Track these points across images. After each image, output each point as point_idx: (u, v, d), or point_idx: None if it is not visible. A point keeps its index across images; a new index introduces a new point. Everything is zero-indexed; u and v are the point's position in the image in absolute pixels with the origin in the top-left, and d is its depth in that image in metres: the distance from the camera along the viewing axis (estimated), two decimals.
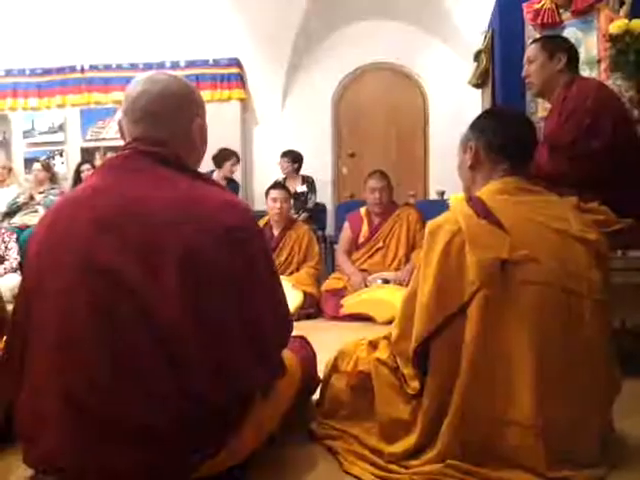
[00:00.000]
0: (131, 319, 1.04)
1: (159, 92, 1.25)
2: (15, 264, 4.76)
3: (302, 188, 5.42)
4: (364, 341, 1.58)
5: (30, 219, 5.20)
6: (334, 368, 1.60)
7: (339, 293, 3.74)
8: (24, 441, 1.11)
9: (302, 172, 5.55)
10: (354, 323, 3.40)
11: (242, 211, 1.19)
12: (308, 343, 1.72)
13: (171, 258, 1.06)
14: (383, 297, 3.50)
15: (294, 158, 5.46)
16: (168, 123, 1.26)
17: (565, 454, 1.26)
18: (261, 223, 4.11)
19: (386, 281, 3.72)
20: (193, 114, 1.31)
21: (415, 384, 1.35)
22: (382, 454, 1.34)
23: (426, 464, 1.28)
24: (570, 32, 3.25)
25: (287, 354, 1.43)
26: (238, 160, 5.47)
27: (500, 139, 1.51)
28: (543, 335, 1.25)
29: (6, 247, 4.82)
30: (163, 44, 6.03)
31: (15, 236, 4.92)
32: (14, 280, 4.53)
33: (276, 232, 4.15)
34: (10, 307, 1.38)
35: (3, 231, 4.92)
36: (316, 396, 1.68)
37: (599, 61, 3.11)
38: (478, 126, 1.57)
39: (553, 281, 1.28)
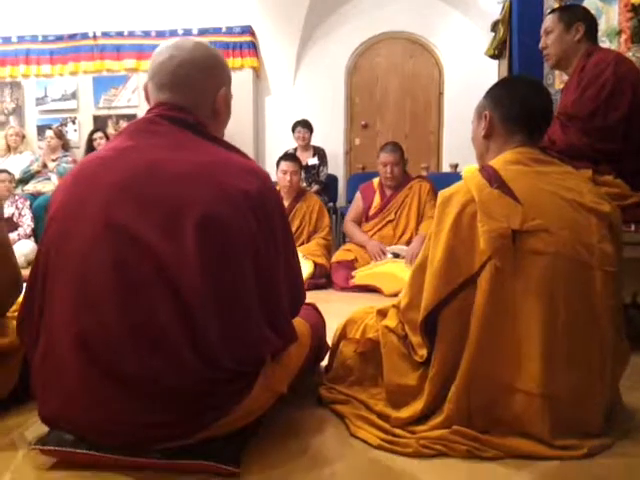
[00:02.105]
0: (149, 278, 1.06)
1: (186, 59, 1.24)
2: (29, 230, 4.82)
3: (313, 160, 5.38)
4: (373, 309, 1.59)
5: (43, 186, 5.25)
6: (343, 335, 1.62)
7: (349, 265, 3.73)
8: (40, 396, 1.14)
9: (314, 143, 5.52)
10: (363, 294, 3.42)
11: (262, 178, 1.19)
12: (318, 310, 1.74)
13: (190, 221, 1.07)
14: (393, 271, 3.50)
15: (310, 127, 5.41)
16: (193, 91, 1.26)
17: (571, 423, 1.28)
18: None
19: (397, 255, 3.70)
20: (219, 83, 1.30)
21: (423, 352, 1.36)
22: (389, 419, 1.36)
23: (433, 429, 1.30)
24: (590, 2, 3.17)
25: (298, 320, 1.45)
26: None
27: (516, 109, 1.48)
28: (552, 305, 1.25)
29: (20, 214, 4.88)
30: (176, 11, 5.97)
31: (29, 203, 4.97)
32: (28, 246, 4.60)
33: (286, 203, 4.11)
34: (24, 272, 1.40)
35: (17, 198, 4.96)
36: (325, 362, 1.70)
37: (620, 32, 3.04)
38: (494, 95, 1.54)
39: (564, 252, 1.27)
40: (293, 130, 5.45)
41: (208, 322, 1.08)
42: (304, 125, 5.39)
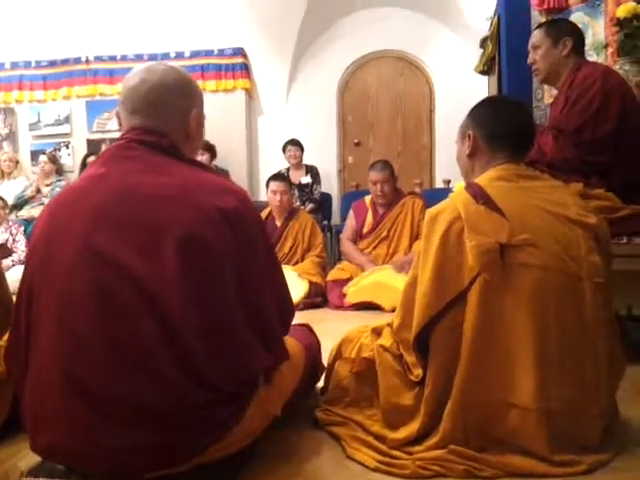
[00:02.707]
0: (130, 301, 1.05)
1: (156, 83, 1.25)
2: (23, 256, 4.79)
3: (307, 179, 5.40)
4: (368, 328, 1.58)
5: (37, 212, 5.23)
6: (338, 355, 1.61)
7: (344, 284, 3.68)
8: (29, 428, 1.13)
9: (307, 162, 5.54)
10: (360, 312, 3.40)
11: (239, 196, 1.20)
12: (312, 331, 1.73)
13: (169, 241, 1.07)
14: (383, 280, 3.47)
15: (300, 145, 5.45)
16: (165, 114, 1.26)
17: (568, 437, 1.27)
18: (263, 214, 4.08)
19: None
20: (190, 105, 1.31)
21: (418, 371, 1.36)
22: (385, 440, 1.35)
23: (429, 450, 1.29)
24: (577, 17, 3.21)
25: (291, 341, 1.44)
26: (212, 155, 5.35)
27: (499, 128, 1.50)
28: (543, 319, 1.26)
29: (14, 239, 4.86)
30: (168, 34, 6.02)
31: (23, 228, 4.95)
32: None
33: (278, 223, 4.12)
34: None
35: (11, 223, 4.95)
36: (320, 384, 1.69)
37: (606, 46, 3.08)
38: (476, 114, 1.56)
39: (552, 265, 1.28)
40: (284, 150, 5.48)
41: (193, 342, 1.07)
42: (294, 144, 5.43)
